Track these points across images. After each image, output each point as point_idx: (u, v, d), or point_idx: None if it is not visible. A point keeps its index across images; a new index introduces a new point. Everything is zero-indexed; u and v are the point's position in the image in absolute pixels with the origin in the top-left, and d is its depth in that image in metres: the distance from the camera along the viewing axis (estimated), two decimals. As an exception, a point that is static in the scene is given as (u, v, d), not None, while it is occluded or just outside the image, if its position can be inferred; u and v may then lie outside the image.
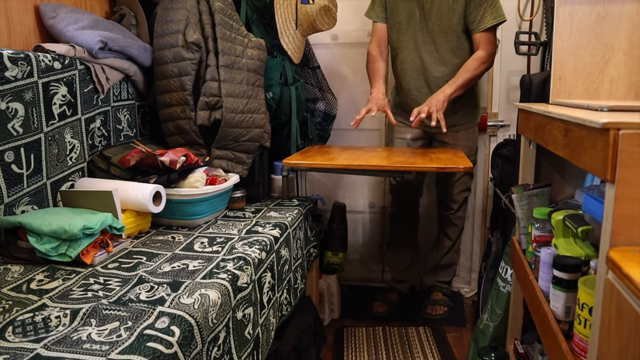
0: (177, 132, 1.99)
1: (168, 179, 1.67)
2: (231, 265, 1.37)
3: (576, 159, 0.96)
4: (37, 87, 1.53)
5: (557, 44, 1.70)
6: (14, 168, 1.45)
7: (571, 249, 1.23)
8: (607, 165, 0.78)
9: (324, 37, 2.69)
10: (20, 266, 1.35)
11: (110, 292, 1.20)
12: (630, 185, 0.77)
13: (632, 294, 0.67)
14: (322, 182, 2.93)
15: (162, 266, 1.37)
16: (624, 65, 1.66)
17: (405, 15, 2.23)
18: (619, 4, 1.65)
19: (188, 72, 1.92)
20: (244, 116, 1.98)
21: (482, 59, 2.14)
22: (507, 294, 1.90)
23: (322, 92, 2.58)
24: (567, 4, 1.69)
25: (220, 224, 1.80)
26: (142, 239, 1.62)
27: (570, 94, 1.71)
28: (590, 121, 0.83)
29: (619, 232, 0.79)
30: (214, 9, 1.95)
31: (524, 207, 1.61)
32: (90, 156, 1.79)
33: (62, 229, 1.35)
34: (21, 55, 1.47)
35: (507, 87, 2.61)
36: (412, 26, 2.23)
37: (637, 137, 0.76)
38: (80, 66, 1.72)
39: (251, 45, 2.06)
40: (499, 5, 2.13)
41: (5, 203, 1.43)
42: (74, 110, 1.69)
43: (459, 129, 2.34)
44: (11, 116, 1.44)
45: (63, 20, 1.74)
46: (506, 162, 2.33)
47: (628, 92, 1.67)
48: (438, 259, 2.61)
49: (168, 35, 1.95)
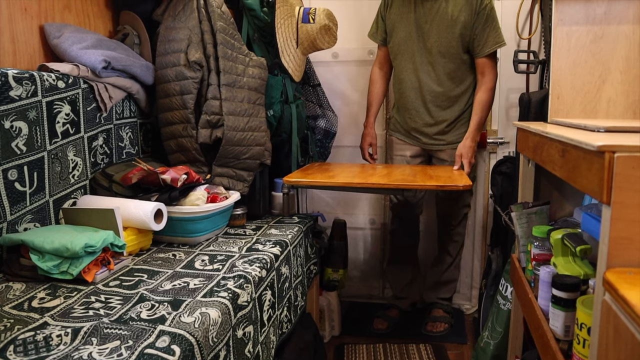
0: (178, 150, 2.01)
1: (169, 197, 1.69)
2: (232, 283, 1.38)
3: (573, 179, 0.97)
4: (41, 106, 1.55)
5: (555, 64, 1.72)
6: (17, 186, 1.47)
7: (570, 267, 1.23)
8: (602, 187, 0.80)
9: (325, 55, 2.71)
10: (22, 284, 1.36)
11: (111, 310, 1.20)
12: (625, 207, 0.78)
13: (628, 316, 0.67)
14: (322, 199, 2.94)
15: (163, 284, 1.37)
16: (621, 84, 1.68)
17: (404, 36, 2.27)
18: (615, 25, 1.67)
19: (190, 91, 1.94)
20: (245, 134, 2.00)
21: (491, 89, 2.27)
22: (507, 311, 1.90)
23: (323, 109, 2.60)
24: (565, 24, 1.72)
25: (221, 242, 1.80)
26: (143, 257, 1.62)
27: (569, 112, 1.73)
28: (586, 143, 0.84)
29: (616, 253, 0.79)
30: (216, 29, 1.98)
31: (524, 225, 1.62)
32: (93, 174, 1.80)
33: (64, 247, 1.35)
34: (26, 75, 1.49)
35: (506, 104, 2.64)
36: (410, 47, 2.27)
37: (632, 160, 0.77)
38: (83, 85, 1.74)
39: (252, 64, 2.08)
40: (500, 29, 2.20)
41: (8, 221, 1.44)
42: (77, 128, 1.71)
43: (456, 146, 2.36)
44: (15, 135, 1.46)
45: (67, 40, 1.76)
46: (506, 179, 2.34)
47: (625, 111, 1.69)
48: (438, 276, 2.61)
49: (170, 54, 1.97)
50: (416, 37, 2.25)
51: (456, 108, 2.33)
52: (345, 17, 2.66)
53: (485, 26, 2.17)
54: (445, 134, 2.36)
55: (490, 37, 2.19)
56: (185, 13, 2.01)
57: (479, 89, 2.27)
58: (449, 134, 2.35)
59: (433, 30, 2.22)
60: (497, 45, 2.21)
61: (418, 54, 2.27)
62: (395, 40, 2.32)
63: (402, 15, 2.27)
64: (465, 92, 2.32)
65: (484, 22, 2.17)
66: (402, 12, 2.27)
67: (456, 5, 2.18)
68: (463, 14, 2.17)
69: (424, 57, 2.26)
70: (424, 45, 2.25)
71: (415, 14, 2.24)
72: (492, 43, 2.19)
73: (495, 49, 2.21)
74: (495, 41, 2.20)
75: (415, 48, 2.27)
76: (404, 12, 2.27)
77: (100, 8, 2.08)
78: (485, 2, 2.17)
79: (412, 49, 2.27)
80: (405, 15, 2.26)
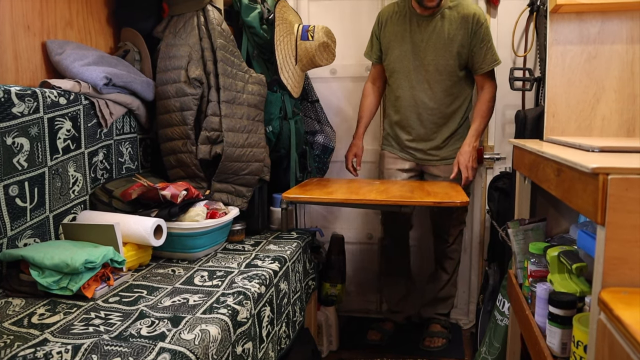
0: (178, 165, 2.03)
1: (169, 213, 1.70)
2: (231, 299, 1.39)
3: (568, 199, 0.99)
4: (43, 123, 1.56)
5: (550, 82, 1.75)
6: (17, 202, 1.48)
7: (566, 284, 1.25)
8: (597, 208, 0.81)
9: (323, 71, 2.74)
10: (22, 299, 1.36)
11: (111, 327, 1.21)
12: (619, 227, 0.80)
13: (623, 336, 0.69)
14: (321, 214, 2.95)
15: (162, 300, 1.38)
16: (615, 103, 1.71)
17: (400, 55, 2.31)
18: (609, 45, 1.70)
19: (190, 107, 1.96)
20: (244, 150, 2.02)
21: (491, 100, 2.34)
22: (504, 327, 1.91)
23: (321, 125, 2.62)
24: (559, 43, 1.75)
25: (220, 257, 1.81)
26: (142, 272, 1.63)
27: (564, 130, 1.75)
28: (581, 165, 0.86)
29: (610, 273, 0.81)
30: (216, 46, 2.00)
31: (520, 242, 1.63)
32: (93, 189, 1.81)
33: (64, 263, 1.36)
34: (28, 92, 1.51)
35: (502, 121, 2.66)
36: (407, 65, 2.30)
37: (625, 182, 0.79)
38: (84, 101, 1.76)
39: (252, 80, 2.10)
40: (494, 48, 2.28)
41: (9, 236, 1.45)
42: (78, 144, 1.73)
43: (450, 162, 2.39)
44: (17, 151, 1.47)
45: (69, 57, 1.78)
46: (502, 195, 2.36)
47: (620, 129, 1.72)
48: (436, 292, 2.62)
49: (171, 70, 1.99)
50: (412, 55, 2.29)
51: (451, 124, 2.37)
52: (343, 34, 2.70)
53: (482, 45, 2.23)
54: (440, 150, 2.39)
55: (488, 55, 2.26)
56: (186, 30, 2.03)
57: (479, 101, 2.34)
58: (444, 149, 2.39)
59: (430, 49, 2.26)
60: (495, 64, 2.28)
61: (415, 71, 2.30)
62: (391, 58, 2.35)
63: (398, 34, 2.31)
64: (460, 108, 2.36)
65: (481, 41, 2.23)
66: (397, 30, 2.31)
67: (452, 24, 2.23)
68: (460, 33, 2.22)
69: (421, 75, 2.30)
70: (421, 63, 2.28)
71: (411, 32, 2.28)
72: (490, 61, 2.27)
73: (493, 67, 2.29)
74: (493, 59, 2.27)
75: (412, 66, 2.30)
76: (399, 31, 2.30)
77: (101, 25, 2.11)
78: (481, 21, 2.22)
79: (408, 66, 2.31)
80: (401, 34, 2.30)
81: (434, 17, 2.24)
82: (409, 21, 2.28)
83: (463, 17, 2.22)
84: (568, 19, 1.73)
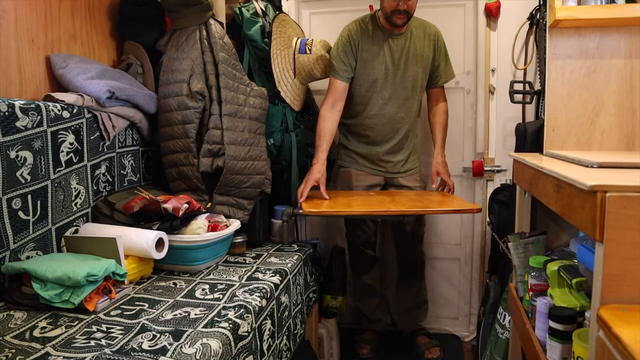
0: (179, 178, 2.04)
1: (171, 226, 1.71)
2: (232, 313, 1.39)
3: (568, 215, 1.00)
4: (46, 136, 1.58)
5: (550, 96, 1.76)
6: (20, 215, 1.49)
7: (566, 299, 1.25)
8: (595, 225, 0.82)
9: (324, 84, 2.75)
10: (23, 312, 1.37)
11: (112, 340, 1.21)
12: (618, 245, 0.81)
13: (621, 354, 0.69)
14: (322, 226, 2.96)
15: (164, 314, 1.38)
16: (614, 117, 1.72)
17: (378, 73, 2.31)
18: (607, 59, 1.72)
19: (192, 120, 1.97)
20: (246, 163, 2.03)
21: (447, 112, 2.47)
22: (505, 340, 1.91)
23: (322, 137, 2.63)
24: (559, 58, 1.76)
25: (221, 270, 1.82)
26: (144, 285, 1.64)
27: (564, 144, 1.76)
28: (579, 182, 0.87)
29: (609, 290, 0.82)
30: (218, 60, 2.02)
31: (521, 255, 1.63)
32: (95, 202, 1.82)
33: (66, 276, 1.37)
34: (32, 106, 1.52)
35: (503, 133, 2.67)
36: (384, 83, 2.32)
37: (623, 199, 0.80)
38: (87, 115, 1.77)
39: (253, 94, 2.12)
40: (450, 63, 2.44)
41: (11, 249, 1.46)
42: (80, 157, 1.74)
43: (413, 172, 2.49)
44: (20, 164, 1.48)
45: (73, 71, 1.80)
46: (503, 207, 2.36)
47: (619, 143, 1.73)
48: (412, 300, 2.62)
49: (173, 84, 2.01)
50: (392, 73, 2.32)
51: (413, 136, 2.48)
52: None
53: (445, 60, 2.40)
54: (407, 162, 2.47)
55: (449, 70, 2.42)
56: (188, 44, 2.05)
57: (438, 113, 2.45)
58: (408, 161, 2.47)
59: (408, 66, 2.32)
60: (452, 77, 2.44)
61: (393, 89, 2.33)
62: (368, 77, 2.32)
63: (374, 52, 2.30)
64: (417, 120, 2.49)
65: (444, 57, 2.39)
66: (373, 49, 2.30)
67: (419, 41, 2.32)
68: (427, 49, 2.33)
69: (401, 92, 2.34)
70: (401, 80, 2.32)
71: (386, 51, 2.29)
72: (449, 75, 2.43)
73: (450, 79, 2.44)
74: (451, 73, 2.43)
75: (390, 84, 2.32)
76: (375, 49, 2.30)
77: (105, 38, 2.13)
78: (441, 37, 2.38)
79: (385, 84, 2.32)
80: (377, 52, 2.30)
81: (404, 35, 2.30)
82: (382, 40, 2.29)
83: (428, 35, 2.34)
84: (567, 33, 1.75)
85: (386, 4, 2.18)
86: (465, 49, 2.70)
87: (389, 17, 2.20)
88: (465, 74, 2.71)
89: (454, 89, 2.71)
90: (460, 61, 2.69)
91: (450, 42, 2.55)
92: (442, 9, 2.70)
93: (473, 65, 2.70)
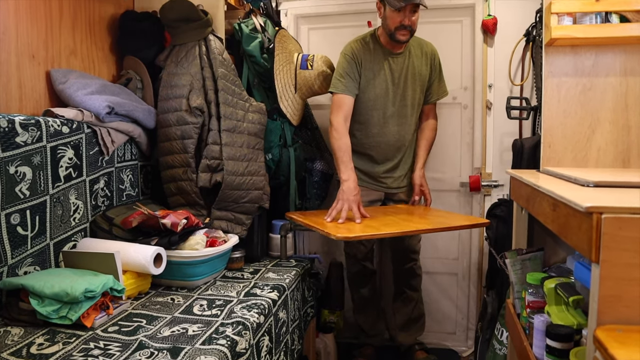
0: (178, 193, 2.04)
1: (169, 241, 1.71)
2: (230, 330, 1.39)
3: (564, 235, 1.01)
4: (46, 151, 1.58)
5: (546, 114, 1.78)
6: (19, 230, 1.49)
7: (563, 317, 1.25)
8: (591, 246, 0.83)
9: (322, 98, 2.77)
10: (21, 328, 1.37)
11: (110, 357, 1.21)
12: (614, 266, 0.81)
13: (617, 376, 0.70)
14: (320, 240, 2.96)
15: (161, 330, 1.38)
16: (610, 134, 1.74)
17: (380, 92, 2.32)
18: (603, 77, 1.74)
19: (191, 136, 1.98)
20: (244, 179, 2.04)
21: (435, 128, 2.51)
22: (503, 356, 1.90)
23: (320, 151, 2.64)
24: (555, 75, 1.78)
25: (219, 285, 1.82)
26: (141, 300, 1.63)
27: (560, 161, 1.78)
28: (575, 203, 0.88)
29: (605, 311, 0.82)
30: (217, 76, 2.03)
31: (518, 272, 1.64)
32: (93, 216, 1.82)
33: (64, 292, 1.37)
34: (32, 121, 1.53)
35: (500, 148, 2.69)
36: (386, 101, 2.34)
37: (619, 221, 0.80)
38: (87, 130, 1.78)
39: (252, 109, 2.13)
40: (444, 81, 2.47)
41: (9, 264, 1.46)
42: (79, 172, 1.74)
43: (408, 187, 2.51)
44: (19, 179, 1.48)
45: (73, 86, 1.81)
46: (501, 223, 2.37)
47: (615, 160, 1.74)
48: (409, 314, 2.61)
49: (172, 99, 2.02)
50: (393, 92, 2.33)
51: (411, 152, 2.49)
52: (343, 62, 2.73)
53: (439, 79, 2.43)
54: (405, 177, 2.49)
55: (442, 88, 2.45)
56: (188, 59, 2.07)
57: (427, 129, 2.49)
58: (407, 176, 2.49)
59: (408, 84, 2.34)
60: (445, 95, 2.47)
61: (393, 108, 2.35)
62: (370, 95, 2.34)
63: (375, 71, 2.32)
64: (414, 136, 2.49)
65: (439, 75, 2.43)
66: (374, 68, 2.32)
67: (417, 59, 2.35)
68: (424, 67, 2.36)
69: (401, 111, 2.36)
70: (401, 99, 2.35)
71: (387, 69, 2.32)
72: (443, 92, 2.46)
73: (442, 97, 2.47)
74: (444, 90, 2.47)
75: (391, 103, 2.34)
76: (376, 68, 2.32)
77: (105, 53, 2.14)
78: (437, 56, 2.41)
79: (387, 103, 2.34)
80: (378, 71, 2.32)
81: (403, 54, 2.32)
82: (383, 58, 2.31)
83: (425, 53, 2.37)
84: (563, 51, 1.77)
85: (390, 21, 2.19)
86: (463, 65, 2.73)
87: (392, 34, 2.21)
88: (462, 89, 2.73)
89: (451, 104, 2.73)
90: (458, 77, 2.71)
91: (448, 57, 2.58)
92: (440, 25, 2.72)
93: (470, 80, 2.72)
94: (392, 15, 2.17)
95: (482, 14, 2.63)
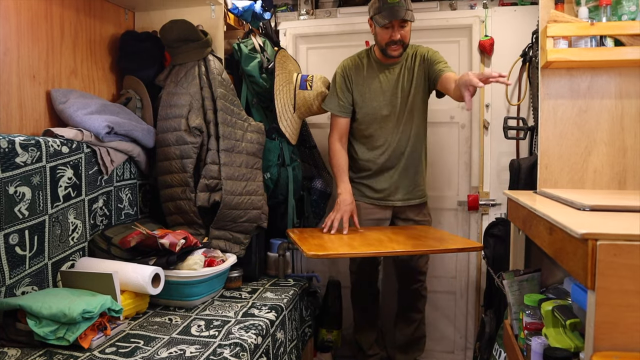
0: (176, 212, 2.04)
1: (167, 261, 1.71)
2: (227, 351, 1.39)
3: (560, 259, 1.01)
4: (45, 171, 1.59)
5: (543, 135, 1.80)
6: (17, 250, 1.49)
7: (561, 339, 1.25)
8: (587, 272, 0.83)
9: (321, 118, 2.79)
10: (18, 350, 1.36)
11: (107, 380, 1.21)
12: (609, 292, 0.82)
13: (613, 404, 0.70)
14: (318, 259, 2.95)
15: (159, 351, 1.38)
16: (606, 156, 1.75)
17: (378, 105, 2.32)
18: (598, 99, 1.76)
19: (189, 155, 1.99)
20: (243, 198, 2.04)
21: None
22: (501, 377, 1.90)
23: (319, 170, 2.65)
24: (551, 97, 1.80)
25: (217, 305, 1.81)
26: (139, 321, 1.63)
27: (557, 181, 1.79)
28: (571, 229, 0.88)
29: (602, 337, 0.82)
30: (216, 96, 2.05)
31: (515, 293, 1.64)
32: (92, 236, 1.82)
33: (61, 313, 1.36)
34: (32, 141, 1.54)
35: (497, 167, 2.70)
36: (385, 113, 2.32)
37: (614, 247, 0.81)
38: (86, 149, 1.79)
39: (251, 129, 2.15)
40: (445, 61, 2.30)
41: (7, 285, 1.46)
42: (78, 191, 1.75)
43: (420, 202, 2.43)
44: (18, 200, 1.49)
45: (73, 106, 1.82)
46: (498, 242, 2.37)
47: (611, 182, 1.75)
48: (409, 335, 2.59)
49: (171, 119, 2.03)
50: (390, 103, 2.32)
51: (420, 165, 2.42)
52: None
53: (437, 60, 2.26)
54: (414, 190, 2.41)
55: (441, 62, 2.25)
56: (187, 79, 2.08)
57: None
58: (415, 189, 2.41)
59: (405, 93, 2.31)
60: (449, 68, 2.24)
61: (395, 119, 2.33)
62: (367, 110, 2.34)
63: (369, 85, 2.32)
64: (423, 147, 2.42)
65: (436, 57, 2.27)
66: (367, 82, 2.33)
67: (410, 62, 2.30)
68: (420, 68, 2.30)
69: (402, 119, 2.33)
70: (401, 108, 2.32)
71: (381, 81, 2.32)
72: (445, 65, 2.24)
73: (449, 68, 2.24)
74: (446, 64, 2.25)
75: (392, 114, 2.32)
76: (368, 82, 2.32)
77: (105, 73, 2.16)
78: (428, 51, 2.30)
79: (388, 116, 2.33)
80: (372, 85, 2.32)
81: (398, 63, 2.31)
82: (378, 72, 2.32)
83: (420, 55, 2.30)
84: (559, 74, 1.79)
85: (379, 37, 2.21)
86: (460, 85, 2.75)
87: (384, 50, 2.23)
88: (460, 108, 2.75)
89: (448, 123, 2.75)
90: (455, 96, 2.73)
91: (445, 77, 2.60)
92: (437, 45, 2.73)
93: (467, 100, 2.73)
94: (381, 32, 2.19)
95: (479, 35, 2.67)
